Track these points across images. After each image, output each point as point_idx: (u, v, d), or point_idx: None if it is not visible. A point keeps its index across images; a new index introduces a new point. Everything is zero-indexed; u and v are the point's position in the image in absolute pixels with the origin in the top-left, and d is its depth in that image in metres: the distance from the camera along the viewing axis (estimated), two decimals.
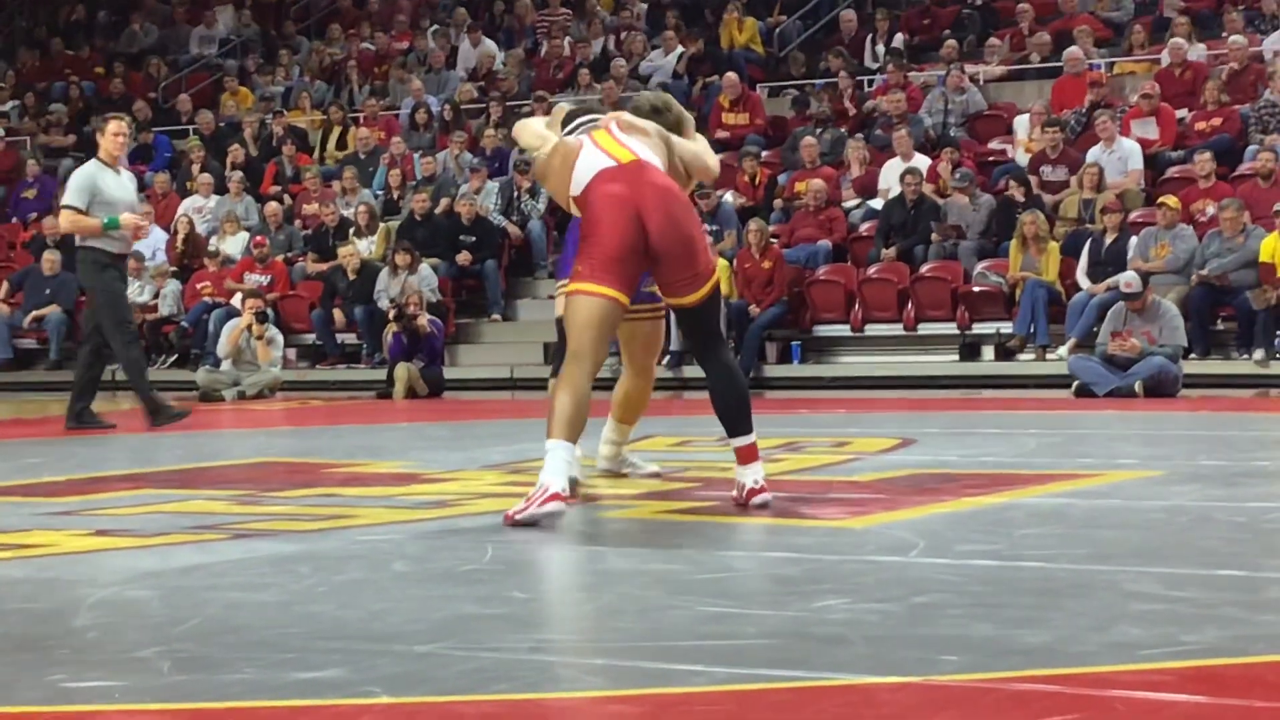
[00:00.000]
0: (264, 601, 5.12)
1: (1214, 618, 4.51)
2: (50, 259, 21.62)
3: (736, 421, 6.98)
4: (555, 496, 6.50)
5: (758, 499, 6.91)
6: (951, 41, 21.67)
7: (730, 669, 4.00)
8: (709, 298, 6.99)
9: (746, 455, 6.97)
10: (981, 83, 20.93)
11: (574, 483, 7.05)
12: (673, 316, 7.42)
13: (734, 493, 7.01)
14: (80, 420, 12.80)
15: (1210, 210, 16.88)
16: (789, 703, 3.74)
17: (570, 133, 7.36)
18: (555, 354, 7.98)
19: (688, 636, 4.43)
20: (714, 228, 18.85)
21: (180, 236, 21.92)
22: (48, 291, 21.56)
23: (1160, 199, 16.86)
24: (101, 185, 12.53)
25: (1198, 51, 20.11)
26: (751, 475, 6.96)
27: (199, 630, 4.69)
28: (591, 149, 7.02)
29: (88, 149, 25.52)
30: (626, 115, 7.39)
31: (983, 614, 4.62)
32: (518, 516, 6.49)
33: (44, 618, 4.93)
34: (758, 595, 5.13)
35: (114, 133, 12.79)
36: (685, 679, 3.92)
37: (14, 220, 24.69)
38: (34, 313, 21.58)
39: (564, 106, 7.90)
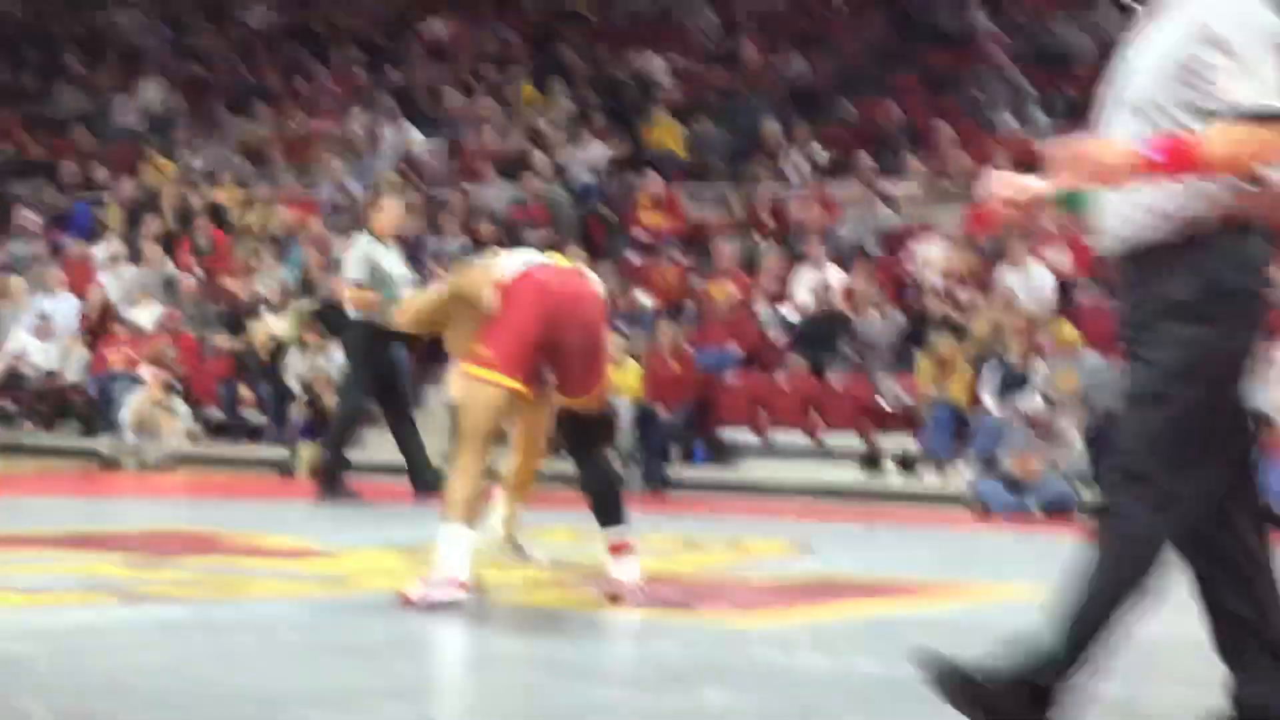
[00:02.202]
0: (151, 663, 5.13)
1: None
2: None
3: (609, 512, 7.04)
4: (453, 583, 6.55)
5: (629, 591, 6.92)
6: (867, 157, 21.78)
7: None
8: (598, 403, 7.19)
9: (619, 548, 7.01)
10: (899, 200, 21.11)
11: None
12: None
13: (605, 584, 7.01)
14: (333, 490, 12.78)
15: None
16: None
17: None
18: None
19: (568, 718, 4.48)
20: (628, 330, 18.92)
21: (92, 304, 21.85)
22: None
23: (1049, 332, 16.91)
24: (378, 260, 12.63)
25: None
26: (624, 568, 6.98)
27: (84, 687, 4.70)
28: (523, 251, 7.34)
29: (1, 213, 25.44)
30: None
31: (861, 711, 4.69)
32: (415, 599, 6.53)
33: None
34: (640, 682, 5.18)
35: (389, 209, 12.92)
36: None
37: None
38: None
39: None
